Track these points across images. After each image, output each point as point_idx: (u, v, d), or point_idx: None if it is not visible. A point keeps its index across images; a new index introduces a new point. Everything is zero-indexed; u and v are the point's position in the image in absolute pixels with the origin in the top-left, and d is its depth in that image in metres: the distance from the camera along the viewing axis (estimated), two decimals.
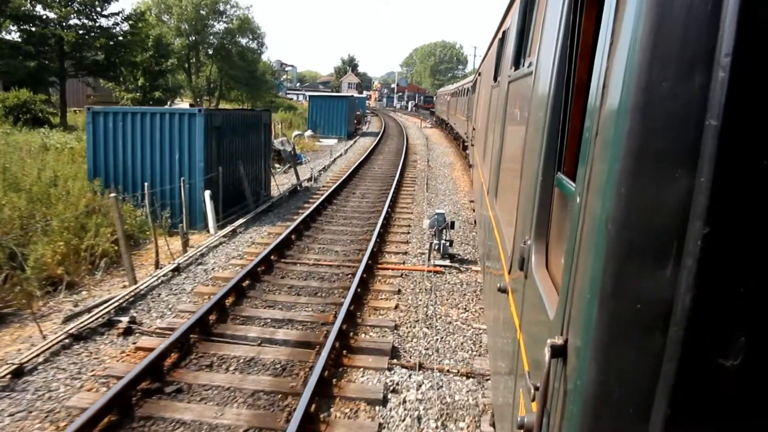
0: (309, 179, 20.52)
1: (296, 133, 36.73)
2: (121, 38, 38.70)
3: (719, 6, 1.15)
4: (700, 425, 1.29)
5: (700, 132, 1.18)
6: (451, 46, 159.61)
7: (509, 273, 3.53)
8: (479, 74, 15.63)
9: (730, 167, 1.16)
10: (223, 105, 74.67)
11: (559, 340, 1.74)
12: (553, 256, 2.47)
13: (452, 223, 11.25)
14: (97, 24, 38.00)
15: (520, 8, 4.80)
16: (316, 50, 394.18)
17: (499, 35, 7.47)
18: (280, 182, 20.95)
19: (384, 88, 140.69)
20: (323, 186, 19.38)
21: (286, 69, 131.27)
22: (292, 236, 12.23)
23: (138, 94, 46.67)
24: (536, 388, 1.91)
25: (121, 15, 37.99)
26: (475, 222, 13.19)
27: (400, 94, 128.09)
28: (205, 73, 64.39)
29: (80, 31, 36.55)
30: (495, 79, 7.43)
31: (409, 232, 13.21)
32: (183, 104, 65.37)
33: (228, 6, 63.92)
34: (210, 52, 63.79)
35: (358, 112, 65.56)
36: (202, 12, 61.57)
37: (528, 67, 3.61)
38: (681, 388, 1.25)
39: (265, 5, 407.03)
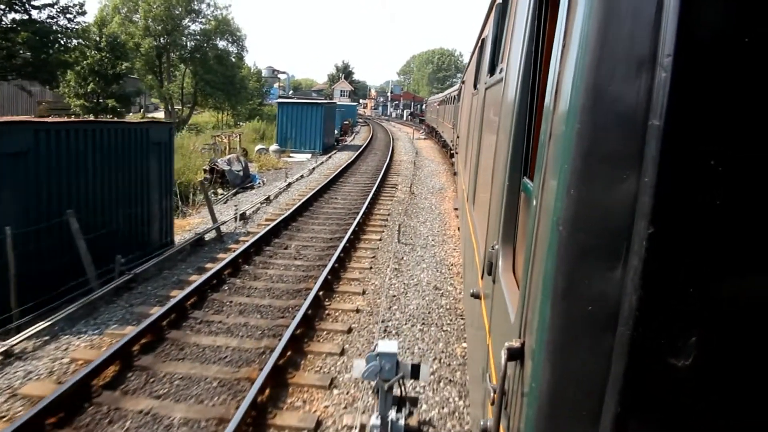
0: (240, 217, 14.55)
1: (259, 147, 30.75)
2: (59, 34, 32.89)
3: (661, 8, 1.18)
4: (651, 424, 1.27)
5: (646, 132, 1.19)
6: (449, 53, 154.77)
7: (482, 278, 3.50)
8: (463, 82, 15.09)
9: (672, 167, 1.16)
10: (200, 113, 68.90)
11: (516, 343, 1.74)
12: (520, 261, 2.40)
13: (415, 368, 5.24)
14: (29, 18, 32.18)
15: (495, 16, 4.77)
16: (316, 58, 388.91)
17: (479, 44, 7.43)
18: (209, 217, 14.98)
19: (380, 96, 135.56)
20: (249, 232, 13.36)
21: (279, 76, 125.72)
22: (113, 369, 6.26)
23: (90, 101, 40.80)
24: (495, 391, 1.92)
25: (56, 7, 32.06)
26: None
27: (396, 102, 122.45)
28: (177, 78, 58.50)
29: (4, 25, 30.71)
30: (475, 86, 7.26)
31: (342, 350, 7.20)
32: (160, 114, 59.62)
33: (204, 5, 58.21)
34: (184, 54, 57.92)
35: (345, 122, 59.98)
36: (176, 11, 55.80)
37: (500, 73, 3.70)
38: (630, 388, 1.25)
39: (265, 11, 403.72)
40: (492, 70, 4.59)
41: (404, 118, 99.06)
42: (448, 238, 13.70)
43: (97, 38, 41.08)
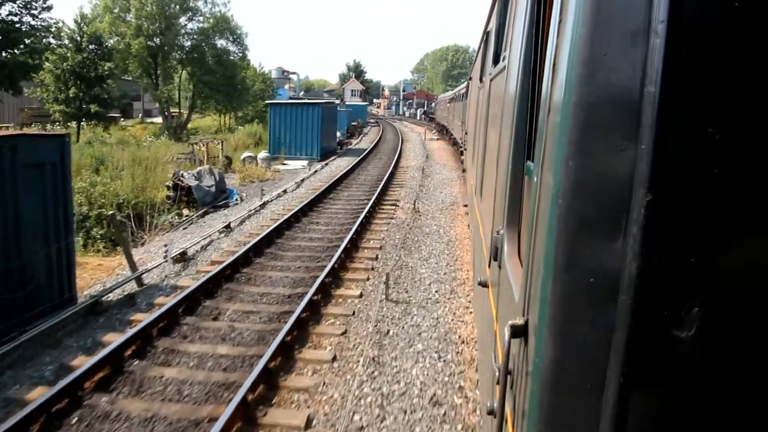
0: (178, 259, 10.80)
1: (245, 155, 27.00)
2: (22, 33, 29.53)
3: None
4: (654, 395, 1.25)
5: (642, 100, 1.19)
6: (464, 50, 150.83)
7: (489, 267, 3.48)
8: (470, 79, 14.97)
9: (669, 133, 1.15)
10: (204, 117, 65.57)
11: (520, 321, 1.74)
12: (524, 244, 2.35)
13: None
14: None
15: (498, 6, 4.85)
16: (330, 59, 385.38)
17: (484, 37, 7.43)
18: (164, 248, 11.27)
19: (393, 96, 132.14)
20: (178, 286, 9.53)
21: (291, 77, 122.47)
22: None
23: (71, 106, 37.43)
24: (499, 371, 1.92)
25: (18, 2, 28.64)
26: None
27: (410, 101, 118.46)
28: (173, 80, 55.07)
29: None
30: (480, 80, 7.41)
31: None
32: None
33: (200, 2, 54.70)
34: (180, 54, 54.44)
35: (353, 123, 56.39)
36: (172, 9, 52.39)
37: (503, 61, 3.72)
38: (632, 359, 1.22)
39: (277, 12, 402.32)
40: (496, 60, 4.60)
41: (418, 118, 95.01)
42: (459, 285, 9.79)
43: (78, 38, 37.84)
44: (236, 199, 19.43)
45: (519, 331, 1.71)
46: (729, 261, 1.17)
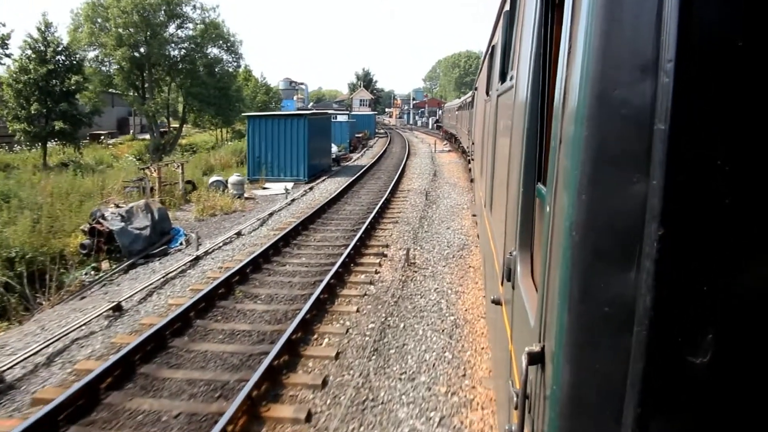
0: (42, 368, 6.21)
1: (214, 179, 22.38)
2: None
3: (661, 14, 1.18)
4: (673, 422, 1.25)
5: (652, 136, 1.19)
6: (476, 56, 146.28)
7: (502, 285, 3.49)
8: (476, 89, 14.76)
9: (680, 169, 1.16)
10: (202, 132, 61.59)
11: (536, 347, 1.74)
12: (537, 266, 2.43)
13: None
14: None
15: (503, 23, 4.81)
16: (344, 69, 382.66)
17: (489, 50, 7.33)
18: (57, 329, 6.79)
19: (404, 105, 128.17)
20: None
21: (297, 88, 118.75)
22: None
23: (33, 124, 33.29)
24: (518, 396, 1.92)
25: None
26: None
27: (421, 110, 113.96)
28: (160, 93, 50.84)
29: None
30: (487, 93, 7.24)
31: None
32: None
33: (189, 8, 50.57)
34: (168, 65, 50.27)
35: (358, 134, 51.97)
36: (157, 18, 48.35)
37: (510, 80, 3.69)
38: (650, 387, 1.23)
39: (291, 24, 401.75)
40: (503, 78, 4.54)
41: (429, 127, 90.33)
42: None
43: (42, 47, 33.83)
44: (181, 243, 14.87)
45: (536, 358, 1.71)
46: (741, 288, 1.18)
